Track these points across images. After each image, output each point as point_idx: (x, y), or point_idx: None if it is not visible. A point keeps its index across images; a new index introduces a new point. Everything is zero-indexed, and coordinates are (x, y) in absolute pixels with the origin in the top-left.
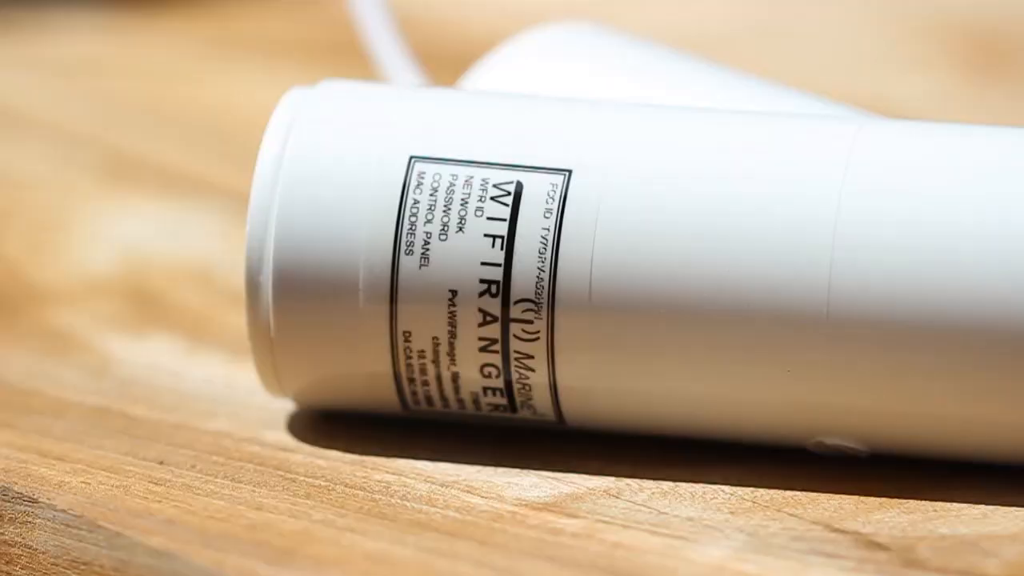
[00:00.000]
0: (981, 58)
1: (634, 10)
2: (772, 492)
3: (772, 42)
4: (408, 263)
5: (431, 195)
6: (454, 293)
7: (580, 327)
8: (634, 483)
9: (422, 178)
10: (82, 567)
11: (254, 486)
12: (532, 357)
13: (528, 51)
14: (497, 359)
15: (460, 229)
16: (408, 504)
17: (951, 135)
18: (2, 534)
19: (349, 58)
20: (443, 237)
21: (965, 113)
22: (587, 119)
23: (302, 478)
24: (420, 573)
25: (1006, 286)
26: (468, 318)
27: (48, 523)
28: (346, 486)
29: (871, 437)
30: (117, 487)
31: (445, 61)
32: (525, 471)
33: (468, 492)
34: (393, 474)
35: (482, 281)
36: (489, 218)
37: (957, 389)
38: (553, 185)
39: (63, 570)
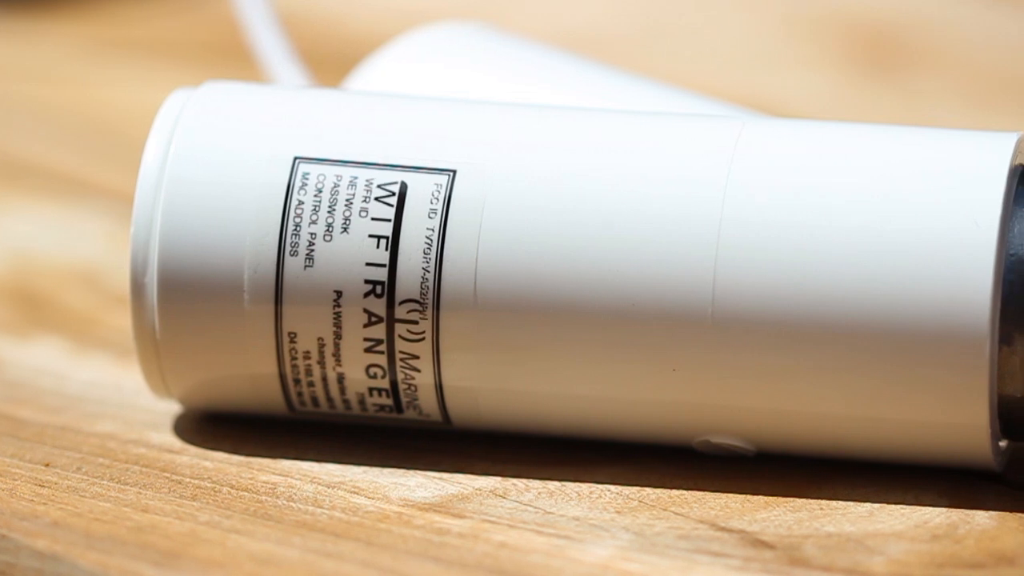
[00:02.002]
0: (870, 58)
1: (521, 10)
2: (658, 491)
3: (661, 42)
4: (293, 264)
5: (315, 196)
6: (339, 294)
7: (465, 327)
8: (520, 483)
9: (306, 179)
10: None
11: (140, 488)
12: (417, 357)
13: (413, 51)
14: (383, 360)
15: (345, 230)
16: (294, 505)
17: (835, 134)
18: None
19: (236, 59)
20: (328, 238)
21: (853, 112)
22: (472, 119)
23: (188, 480)
24: (306, 574)
25: (888, 286)
26: (353, 319)
27: None
28: (232, 487)
29: (757, 436)
30: (3, 490)
31: (330, 61)
32: (411, 471)
33: (354, 493)
34: (279, 475)
35: (367, 282)
36: (374, 219)
37: (842, 388)
38: (437, 185)
39: None
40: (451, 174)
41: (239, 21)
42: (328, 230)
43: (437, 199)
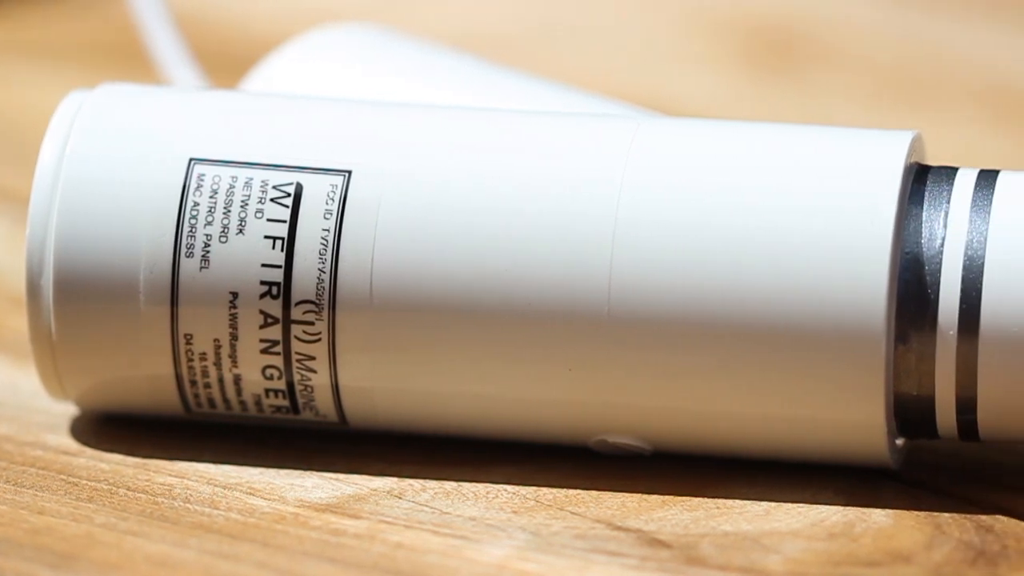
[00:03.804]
0: (769, 56)
1: (420, 11)
2: (555, 491)
3: (558, 42)
4: (188, 265)
5: (211, 197)
6: (235, 295)
7: (361, 328)
8: (417, 483)
9: (202, 180)
10: None
11: (36, 490)
12: (314, 358)
13: (310, 52)
14: (279, 361)
15: (240, 231)
16: (190, 507)
17: (731, 134)
18: None
19: (134, 62)
20: (223, 239)
21: (752, 111)
22: (368, 120)
23: (84, 481)
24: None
25: (784, 285)
26: (249, 320)
27: None
28: (128, 489)
29: (654, 435)
30: None
31: (226, 62)
32: (307, 472)
33: (250, 494)
34: (176, 477)
35: (263, 283)
36: (269, 220)
37: (738, 387)
38: (333, 186)
39: None
40: (346, 175)
41: (135, 23)
42: (224, 231)
43: (333, 200)
